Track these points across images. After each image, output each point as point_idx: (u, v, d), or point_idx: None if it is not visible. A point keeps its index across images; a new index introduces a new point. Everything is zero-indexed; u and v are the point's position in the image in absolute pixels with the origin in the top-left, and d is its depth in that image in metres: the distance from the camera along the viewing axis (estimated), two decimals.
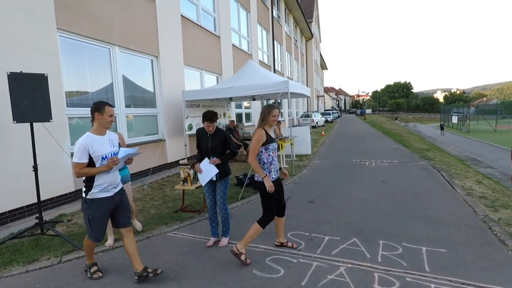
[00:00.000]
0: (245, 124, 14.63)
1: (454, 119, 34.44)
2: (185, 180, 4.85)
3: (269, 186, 3.04)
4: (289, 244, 3.53)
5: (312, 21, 33.98)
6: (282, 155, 8.55)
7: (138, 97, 7.74)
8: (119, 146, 3.04)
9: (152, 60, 8.07)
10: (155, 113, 8.24)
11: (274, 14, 19.82)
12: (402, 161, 8.92)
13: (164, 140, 8.16)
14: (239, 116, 14.26)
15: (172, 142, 8.48)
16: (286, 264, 3.14)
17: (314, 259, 3.23)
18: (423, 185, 6.19)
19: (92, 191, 2.75)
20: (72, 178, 5.63)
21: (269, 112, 3.17)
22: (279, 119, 11.94)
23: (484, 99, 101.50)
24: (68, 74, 5.80)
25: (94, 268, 3.06)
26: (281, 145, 8.46)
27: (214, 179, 3.57)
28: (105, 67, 6.63)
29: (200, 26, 10.40)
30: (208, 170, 3.55)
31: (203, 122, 3.59)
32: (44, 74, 3.74)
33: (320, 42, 48.98)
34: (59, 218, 4.76)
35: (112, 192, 2.85)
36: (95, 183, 2.75)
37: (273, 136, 3.37)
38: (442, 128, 29.88)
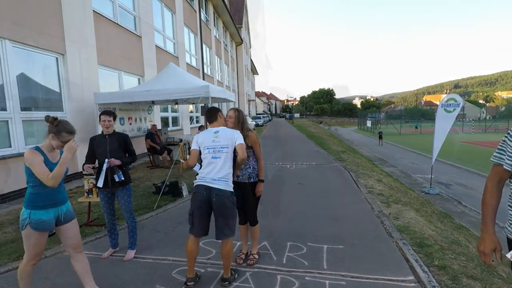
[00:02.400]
0: (172, 128, 14.11)
1: (369, 123, 38.74)
2: (90, 192, 4.41)
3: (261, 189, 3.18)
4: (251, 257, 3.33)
5: (241, 26, 34.64)
6: None
7: (39, 99, 6.81)
8: None
9: (57, 58, 7.20)
10: (62, 117, 7.35)
11: (202, 17, 19.62)
12: (319, 163, 9.61)
13: None
14: (165, 120, 13.68)
15: (80, 150, 7.66)
16: None
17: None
18: (334, 185, 6.76)
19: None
20: None
21: (226, 114, 3.16)
22: (201, 124, 11.80)
23: (392, 105, 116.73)
24: None
25: None
26: None
27: (117, 179, 3.30)
28: None
29: (117, 24, 9.68)
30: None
31: (99, 120, 3.42)
32: None
33: (250, 47, 50.24)
34: None
35: None
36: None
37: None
38: (380, 137, 22.87)
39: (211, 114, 2.94)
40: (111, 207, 3.47)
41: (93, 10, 8.33)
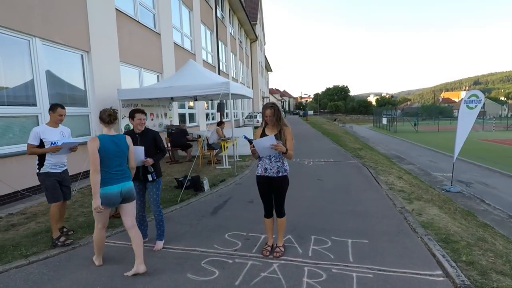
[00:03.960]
0: (189, 124, 14.31)
1: (384, 121, 38.09)
2: None
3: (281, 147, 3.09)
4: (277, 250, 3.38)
5: (256, 23, 34.59)
6: (225, 156, 8.56)
7: (66, 95, 7.06)
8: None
9: (82, 55, 7.43)
10: (86, 112, 7.60)
11: (218, 14, 19.73)
12: (337, 160, 9.58)
13: None
14: (182, 116, 13.88)
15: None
16: (222, 265, 3.16)
17: (249, 258, 3.30)
18: (353, 181, 6.74)
19: (44, 167, 3.69)
20: None
21: (263, 113, 3.21)
22: (223, 120, 11.93)
23: (408, 102, 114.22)
24: None
25: (62, 238, 3.67)
26: (224, 146, 8.47)
27: (151, 179, 3.44)
28: (23, 61, 5.91)
29: (138, 21, 9.87)
30: (137, 151, 3.34)
31: (132, 119, 3.47)
32: None
33: (264, 44, 50.12)
34: None
35: (60, 169, 3.82)
36: (46, 162, 3.69)
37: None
38: (416, 125, 30.46)
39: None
40: (142, 199, 3.61)
41: (116, 8, 8.53)
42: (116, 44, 8.53)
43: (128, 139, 3.16)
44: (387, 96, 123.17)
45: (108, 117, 3.05)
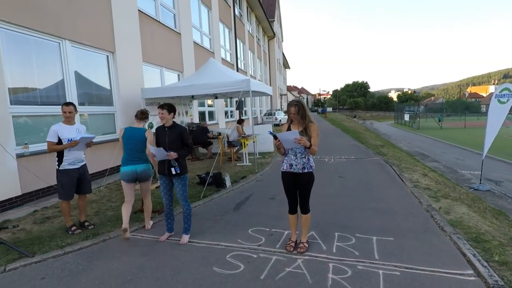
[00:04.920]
0: (209, 122, 14.49)
1: (406, 117, 36.99)
2: None
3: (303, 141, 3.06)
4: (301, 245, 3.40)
5: (274, 20, 34.44)
6: (245, 153, 8.63)
7: (93, 95, 7.34)
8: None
9: (107, 56, 7.69)
10: (112, 111, 7.87)
11: (236, 12, 19.80)
12: (358, 157, 9.43)
13: None
14: (202, 114, 14.08)
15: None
16: (246, 259, 3.21)
17: (274, 253, 3.33)
18: (376, 178, 6.62)
19: (62, 164, 3.89)
20: (19, 182, 5.22)
21: (288, 110, 3.24)
22: (243, 118, 12.01)
23: (432, 98, 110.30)
24: (12, 69, 5.33)
25: (73, 228, 4.02)
26: (244, 143, 8.54)
27: (174, 172, 3.53)
28: (55, 62, 6.20)
29: (159, 22, 10.09)
30: (159, 152, 3.50)
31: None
32: None
33: (282, 41, 49.83)
34: (4, 224, 4.39)
35: (78, 165, 4.03)
36: (64, 158, 3.89)
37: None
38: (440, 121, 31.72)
39: None
40: (169, 193, 3.71)
41: (138, 9, 8.76)
42: (139, 45, 8.76)
43: (148, 133, 3.97)
44: (409, 92, 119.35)
45: (141, 114, 4.15)
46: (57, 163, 3.93)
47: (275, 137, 3.11)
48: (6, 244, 3.51)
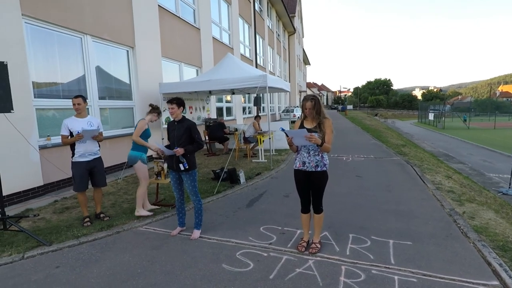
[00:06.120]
0: (226, 118, 14.53)
1: (431, 116, 35.59)
2: (158, 174, 4.76)
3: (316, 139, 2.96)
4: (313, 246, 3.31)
5: (294, 15, 33.97)
6: (261, 150, 8.56)
7: (113, 89, 7.49)
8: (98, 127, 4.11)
9: (127, 51, 7.82)
10: (131, 105, 8.01)
11: (256, 8, 19.66)
12: (378, 156, 9.13)
13: None
14: (219, 110, 14.12)
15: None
16: (256, 258, 3.15)
17: (284, 252, 3.26)
18: (396, 179, 6.37)
19: (74, 156, 3.99)
20: (41, 173, 5.41)
21: (303, 105, 3.15)
22: (260, 114, 11.93)
23: (460, 97, 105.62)
24: (36, 63, 5.52)
25: (86, 220, 4.07)
26: (260, 139, 8.47)
27: (182, 168, 3.51)
28: (77, 57, 6.36)
29: (179, 17, 10.15)
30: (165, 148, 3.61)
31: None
32: (3, 62, 3.53)
33: (303, 37, 49.15)
34: (25, 213, 4.56)
35: (89, 158, 4.04)
36: (75, 151, 3.97)
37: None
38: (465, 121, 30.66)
39: None
40: (180, 187, 3.71)
41: (158, 5, 8.83)
42: (159, 40, 8.85)
43: (139, 122, 4.34)
44: (435, 90, 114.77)
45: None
46: (71, 155, 4.02)
47: (287, 134, 3.02)
48: (26, 233, 3.63)
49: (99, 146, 4.22)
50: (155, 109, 4.49)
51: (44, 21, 5.52)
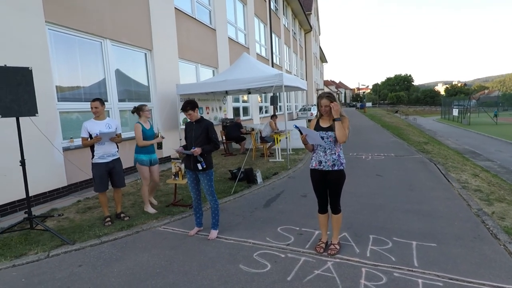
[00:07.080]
0: (243, 118, 14.55)
1: (455, 112, 34.21)
2: (176, 174, 4.80)
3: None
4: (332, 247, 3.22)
5: (311, 13, 33.59)
6: (278, 149, 8.50)
7: (132, 91, 7.66)
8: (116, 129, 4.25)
9: (145, 54, 7.97)
10: (149, 107, 8.14)
11: (272, 7, 19.57)
12: (399, 155, 8.86)
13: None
14: (236, 110, 14.16)
15: (167, 137, 8.37)
16: (274, 259, 3.11)
17: (303, 253, 3.20)
18: (418, 178, 6.15)
19: (94, 158, 4.09)
20: (65, 173, 5.60)
21: (318, 103, 3.08)
22: (276, 113, 11.87)
23: (486, 91, 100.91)
24: (59, 68, 5.72)
25: (107, 219, 4.18)
26: (277, 138, 8.41)
27: (200, 168, 3.52)
28: (97, 61, 6.54)
29: (195, 18, 10.26)
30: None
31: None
32: (28, 67, 3.67)
33: (319, 34, 48.52)
34: (51, 212, 4.74)
35: (108, 159, 4.12)
36: (95, 152, 4.08)
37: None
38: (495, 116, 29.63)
39: None
40: (197, 187, 3.73)
41: (175, 7, 8.95)
42: (175, 42, 8.97)
43: (135, 126, 4.56)
44: (459, 85, 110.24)
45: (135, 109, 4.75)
46: (91, 157, 4.13)
47: (301, 132, 2.95)
48: (51, 232, 3.77)
49: (118, 148, 4.30)
50: (137, 110, 4.69)
51: (66, 27, 5.71)
